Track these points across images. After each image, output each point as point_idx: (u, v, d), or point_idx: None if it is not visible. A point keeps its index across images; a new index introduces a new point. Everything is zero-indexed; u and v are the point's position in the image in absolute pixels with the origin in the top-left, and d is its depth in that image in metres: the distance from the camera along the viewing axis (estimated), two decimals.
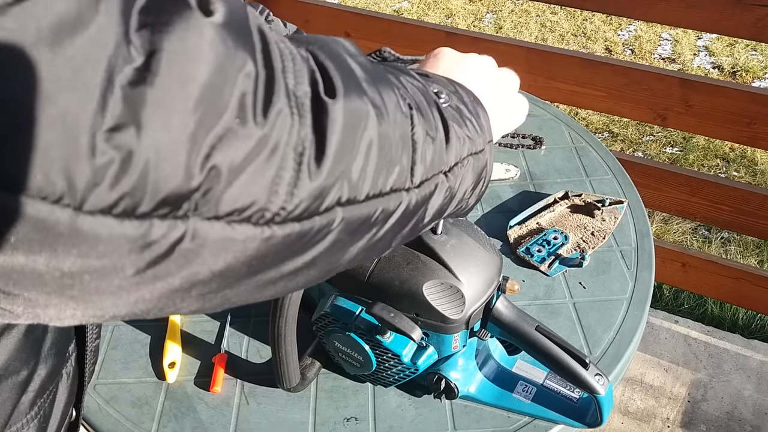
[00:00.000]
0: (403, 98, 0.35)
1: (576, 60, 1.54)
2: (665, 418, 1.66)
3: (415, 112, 0.36)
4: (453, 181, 0.41)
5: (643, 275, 0.92)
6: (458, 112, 0.42)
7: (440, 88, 0.42)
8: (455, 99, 0.43)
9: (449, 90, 0.43)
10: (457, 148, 0.40)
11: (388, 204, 0.34)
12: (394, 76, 0.37)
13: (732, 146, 2.58)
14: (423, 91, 0.39)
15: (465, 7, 3.65)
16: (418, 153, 0.36)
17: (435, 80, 0.44)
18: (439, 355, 0.71)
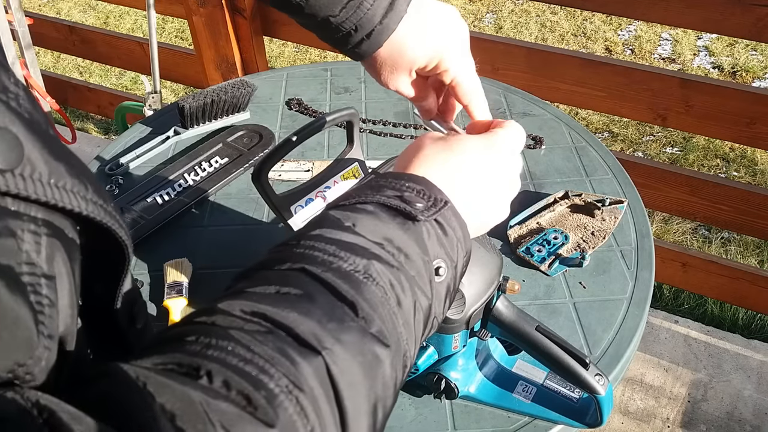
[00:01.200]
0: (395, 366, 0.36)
1: (576, 60, 1.54)
2: (665, 418, 1.66)
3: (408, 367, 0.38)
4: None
5: (643, 275, 0.92)
6: (445, 286, 0.42)
7: (443, 261, 0.42)
8: (452, 269, 0.43)
9: (451, 258, 0.43)
10: (430, 329, 0.42)
11: None
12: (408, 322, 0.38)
13: (732, 146, 2.58)
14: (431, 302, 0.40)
15: (465, 7, 3.65)
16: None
17: (446, 234, 0.43)
18: (439, 355, 0.71)
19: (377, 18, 0.56)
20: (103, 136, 2.85)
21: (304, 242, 0.38)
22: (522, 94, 1.30)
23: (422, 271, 0.40)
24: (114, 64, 2.26)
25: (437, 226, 0.43)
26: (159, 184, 1.10)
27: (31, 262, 0.28)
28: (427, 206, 0.43)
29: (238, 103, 1.22)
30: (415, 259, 0.40)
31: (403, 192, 0.43)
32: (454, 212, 0.45)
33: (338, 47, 0.60)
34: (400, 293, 0.38)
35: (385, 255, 0.39)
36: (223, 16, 1.78)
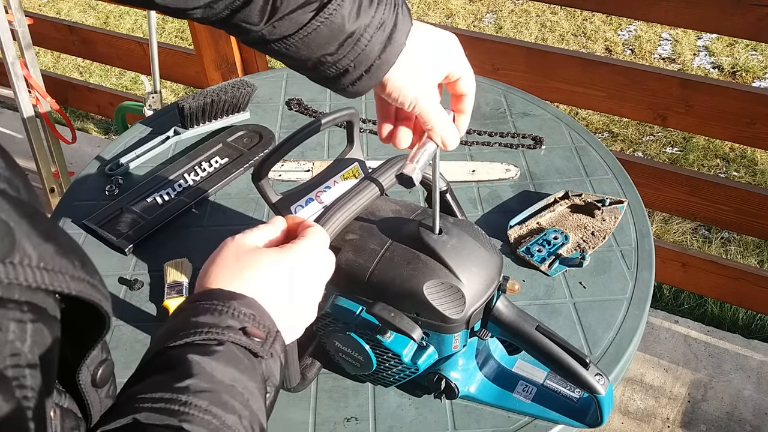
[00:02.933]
0: None
1: (576, 60, 1.55)
2: (665, 418, 1.66)
3: None
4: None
5: (643, 275, 0.92)
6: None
7: (272, 383, 0.52)
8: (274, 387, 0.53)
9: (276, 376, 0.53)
10: None
11: None
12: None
13: (732, 146, 2.58)
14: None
15: (465, 7, 3.65)
16: None
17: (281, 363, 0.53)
18: (439, 355, 0.71)
19: (375, 53, 0.55)
20: (103, 136, 2.85)
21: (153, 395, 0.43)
22: (522, 94, 1.30)
23: (257, 395, 0.48)
24: (114, 64, 2.26)
25: (273, 354, 0.50)
26: (159, 184, 1.10)
27: (16, 353, 0.29)
28: (264, 339, 0.49)
29: (238, 103, 1.22)
30: (254, 392, 0.48)
31: (244, 323, 0.49)
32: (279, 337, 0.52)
33: (331, 86, 0.58)
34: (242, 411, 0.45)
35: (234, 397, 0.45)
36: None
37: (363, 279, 0.67)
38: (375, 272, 0.67)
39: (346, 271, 0.68)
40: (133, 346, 0.86)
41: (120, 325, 0.89)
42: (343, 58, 0.54)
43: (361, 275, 0.67)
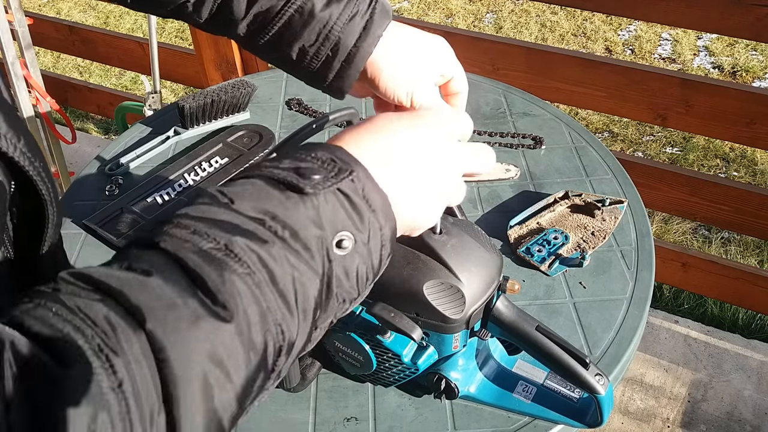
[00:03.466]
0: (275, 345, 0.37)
1: (576, 60, 1.55)
2: (665, 418, 1.66)
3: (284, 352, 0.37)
4: (319, 333, 0.42)
5: (643, 275, 0.92)
6: (354, 265, 0.41)
7: (346, 234, 0.40)
8: (361, 243, 0.41)
9: (360, 230, 0.41)
10: (334, 310, 0.42)
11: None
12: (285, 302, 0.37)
13: (732, 146, 2.58)
14: (319, 279, 0.39)
15: (465, 7, 3.65)
16: (276, 372, 0.38)
17: (353, 206, 0.41)
18: (439, 355, 0.71)
19: (351, 41, 0.57)
20: (103, 136, 2.85)
21: (173, 220, 0.38)
22: (522, 94, 1.30)
23: (311, 244, 0.39)
24: (114, 64, 2.26)
25: (341, 197, 0.41)
26: (159, 184, 1.10)
27: None
28: (326, 177, 0.41)
29: (238, 103, 1.22)
30: (301, 234, 0.38)
31: (301, 163, 0.41)
32: (368, 184, 0.42)
33: (319, 83, 0.62)
34: (275, 268, 0.37)
35: (261, 231, 0.37)
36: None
37: None
38: None
39: None
40: None
41: None
42: (321, 47, 0.58)
43: None
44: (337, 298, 0.41)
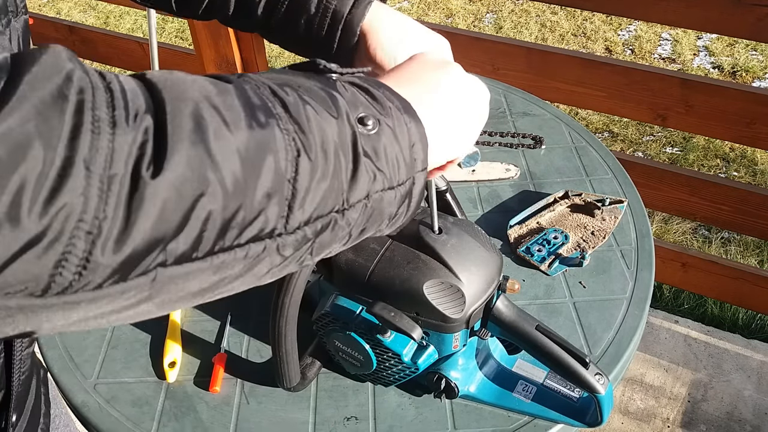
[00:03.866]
0: (288, 144, 0.33)
1: (576, 60, 1.55)
2: (665, 418, 1.66)
3: (303, 157, 0.33)
4: (353, 218, 0.38)
5: (643, 275, 0.92)
6: (383, 145, 0.38)
7: (370, 113, 0.38)
8: (386, 127, 0.39)
9: (383, 113, 0.39)
10: (366, 184, 0.37)
11: (242, 253, 0.32)
12: (295, 106, 0.34)
13: (732, 146, 2.58)
14: (336, 123, 0.36)
15: (465, 7, 3.65)
16: (298, 200, 0.33)
17: (373, 99, 0.40)
18: (439, 355, 0.71)
19: (346, 9, 0.64)
20: None
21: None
22: (522, 94, 1.30)
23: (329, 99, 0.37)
24: (114, 64, 2.26)
25: (359, 90, 0.40)
26: None
27: None
28: (343, 73, 0.41)
29: None
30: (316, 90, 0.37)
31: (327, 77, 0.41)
32: (388, 90, 0.42)
33: (327, 53, 0.65)
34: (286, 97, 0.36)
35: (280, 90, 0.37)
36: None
37: (363, 278, 0.67)
38: (375, 272, 0.67)
39: (347, 270, 0.68)
40: (132, 346, 0.86)
41: (120, 324, 0.89)
42: (324, 18, 0.64)
43: (361, 275, 0.67)
44: (366, 168, 0.37)
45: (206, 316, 0.90)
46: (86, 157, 0.26)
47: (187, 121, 0.29)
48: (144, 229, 0.28)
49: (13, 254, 0.25)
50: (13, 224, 0.24)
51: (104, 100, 0.28)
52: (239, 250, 0.32)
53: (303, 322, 0.70)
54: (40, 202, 0.25)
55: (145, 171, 0.27)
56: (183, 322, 0.89)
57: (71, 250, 0.26)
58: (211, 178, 0.29)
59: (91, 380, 0.82)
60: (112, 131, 0.27)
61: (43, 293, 0.27)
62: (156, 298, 0.31)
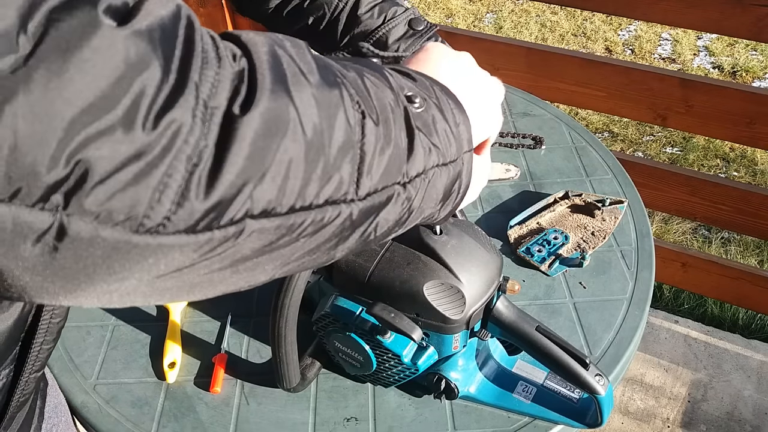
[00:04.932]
0: (353, 105, 0.34)
1: (576, 60, 1.54)
2: (665, 418, 1.66)
3: (368, 120, 0.34)
4: (412, 193, 0.39)
5: (643, 275, 0.92)
6: (432, 120, 0.40)
7: (416, 92, 0.40)
8: (433, 105, 0.41)
9: (427, 94, 0.41)
10: (422, 158, 0.38)
11: (320, 216, 0.33)
12: (354, 79, 0.36)
13: (732, 146, 2.58)
14: (391, 95, 0.38)
15: (465, 7, 3.65)
16: (366, 164, 0.34)
17: (416, 82, 0.42)
18: (439, 356, 0.71)
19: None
20: None
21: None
22: (522, 94, 1.30)
23: (383, 74, 0.40)
24: None
25: (402, 75, 0.42)
26: None
27: None
28: (384, 59, 0.44)
29: None
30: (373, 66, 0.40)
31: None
32: (427, 75, 0.44)
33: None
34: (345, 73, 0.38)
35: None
36: (223, 16, 1.78)
37: (363, 279, 0.67)
38: (375, 273, 0.67)
39: (347, 271, 0.68)
40: (132, 346, 0.86)
41: (120, 324, 0.89)
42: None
43: (362, 275, 0.67)
44: (421, 142, 0.39)
45: (206, 316, 0.90)
46: (197, 81, 0.27)
47: (269, 67, 0.30)
48: (235, 167, 0.28)
49: (121, 162, 0.25)
50: (126, 129, 0.25)
51: (209, 37, 0.29)
52: (317, 211, 0.33)
53: (303, 322, 0.70)
54: (154, 112, 0.26)
55: (236, 109, 0.28)
56: (183, 322, 0.89)
57: (172, 173, 0.26)
58: (293, 119, 0.30)
59: (91, 381, 0.82)
60: (219, 65, 0.28)
61: (139, 227, 0.26)
62: (236, 256, 0.31)
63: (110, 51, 0.25)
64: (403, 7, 0.71)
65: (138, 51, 0.25)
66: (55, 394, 0.73)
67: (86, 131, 0.24)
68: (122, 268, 0.28)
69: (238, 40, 0.31)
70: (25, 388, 0.56)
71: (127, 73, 0.25)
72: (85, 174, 0.24)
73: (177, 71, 0.27)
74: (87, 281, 0.27)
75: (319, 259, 0.37)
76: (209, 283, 0.32)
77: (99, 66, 0.24)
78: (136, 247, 0.27)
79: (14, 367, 0.54)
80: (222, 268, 0.31)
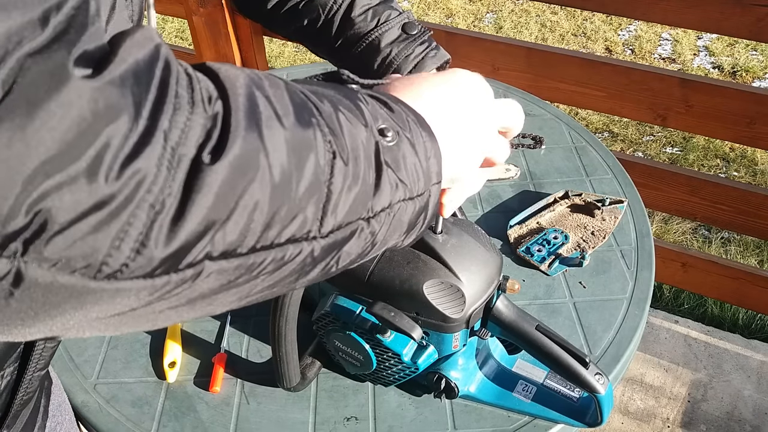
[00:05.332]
0: (325, 146, 0.34)
1: (576, 60, 1.54)
2: (665, 418, 1.66)
3: (338, 160, 0.34)
4: (376, 227, 0.39)
5: (643, 275, 0.92)
6: (402, 155, 0.39)
7: (390, 124, 0.39)
8: (405, 139, 0.40)
9: (401, 126, 0.40)
10: (389, 193, 0.38)
11: (281, 254, 0.33)
12: (329, 114, 0.35)
13: (732, 146, 2.58)
14: (364, 132, 0.37)
15: (465, 7, 3.65)
16: (332, 203, 0.34)
17: (392, 112, 0.41)
18: (439, 355, 0.71)
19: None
20: None
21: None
22: (522, 94, 1.30)
23: (356, 109, 0.39)
24: None
25: (379, 103, 0.41)
26: None
27: None
28: (363, 86, 0.43)
29: None
30: (346, 100, 0.39)
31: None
32: (405, 106, 0.43)
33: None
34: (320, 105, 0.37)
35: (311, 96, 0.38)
36: (223, 16, 1.78)
37: (363, 278, 0.67)
38: (375, 272, 0.67)
39: (346, 270, 0.68)
40: (132, 346, 0.86)
41: None
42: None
43: (361, 275, 0.67)
44: (388, 177, 0.38)
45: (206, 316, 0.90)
46: (166, 129, 0.27)
47: (244, 110, 0.30)
48: (198, 215, 0.28)
49: (82, 212, 0.25)
50: (89, 180, 0.25)
51: (185, 79, 0.29)
52: (278, 249, 0.32)
53: (303, 322, 0.70)
54: (119, 162, 0.25)
55: (206, 155, 0.28)
56: (183, 322, 0.89)
57: (133, 221, 0.26)
58: (262, 165, 0.30)
59: (91, 380, 0.82)
60: (191, 110, 0.28)
61: (97, 274, 0.26)
62: (193, 294, 0.31)
63: (78, 104, 0.24)
64: (398, 10, 0.71)
65: (107, 102, 0.25)
66: (59, 393, 0.73)
67: (48, 182, 0.24)
68: (76, 309, 0.28)
69: (216, 78, 0.31)
70: (28, 386, 0.56)
71: (94, 125, 0.25)
72: (45, 223, 0.24)
73: (147, 117, 0.26)
74: (40, 321, 0.27)
75: (279, 291, 0.37)
76: (165, 317, 0.32)
77: (65, 119, 0.24)
78: (92, 292, 0.27)
79: (18, 366, 0.54)
80: (178, 305, 0.31)
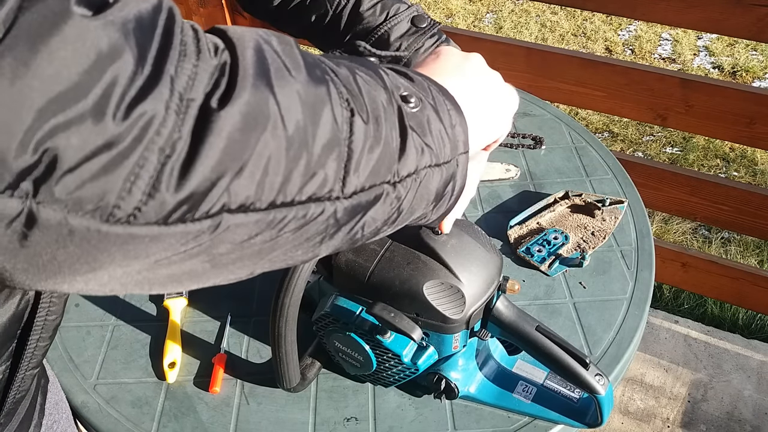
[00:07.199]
0: (341, 103, 0.33)
1: (576, 60, 1.54)
2: (665, 418, 1.66)
3: (357, 118, 0.34)
4: (402, 192, 0.38)
5: (643, 275, 0.92)
6: (427, 120, 0.39)
7: (411, 92, 0.40)
8: (428, 105, 0.40)
9: (423, 94, 0.41)
10: (415, 158, 0.38)
11: (302, 212, 0.32)
12: (345, 76, 0.35)
13: (732, 146, 2.58)
14: (384, 94, 0.37)
15: (465, 7, 3.65)
16: (353, 162, 0.34)
17: (412, 82, 0.42)
18: (439, 355, 0.71)
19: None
20: None
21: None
22: (522, 94, 1.30)
23: (377, 73, 0.39)
24: None
25: (399, 74, 0.42)
26: None
27: None
28: (382, 58, 0.44)
29: None
30: (368, 65, 0.39)
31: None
32: (425, 76, 0.44)
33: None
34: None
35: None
36: (223, 16, 1.78)
37: (363, 279, 0.67)
38: (375, 272, 0.67)
39: (346, 271, 0.68)
40: (132, 346, 0.86)
41: (120, 324, 0.89)
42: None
43: (361, 275, 0.67)
44: (414, 141, 0.38)
45: (206, 316, 0.90)
46: (172, 74, 0.27)
47: (252, 62, 0.30)
48: (210, 160, 0.28)
49: (91, 151, 0.25)
50: (96, 119, 0.25)
51: (190, 29, 0.29)
52: (300, 207, 0.32)
53: (303, 322, 0.70)
54: (126, 103, 0.25)
55: (215, 103, 0.28)
56: (183, 322, 0.89)
57: (143, 164, 0.26)
58: (273, 115, 0.30)
59: (91, 381, 0.82)
60: (197, 57, 0.28)
61: (109, 217, 0.26)
62: (214, 250, 0.31)
63: (80, 41, 0.24)
64: (406, 3, 0.71)
65: (110, 41, 0.25)
66: (56, 391, 0.73)
67: (54, 120, 0.24)
68: (93, 258, 0.28)
69: (224, 34, 0.31)
70: (21, 384, 0.56)
71: (98, 63, 0.25)
72: (54, 162, 0.24)
73: (152, 63, 0.26)
74: (59, 269, 0.27)
75: (303, 255, 0.36)
76: (188, 276, 0.32)
77: (68, 56, 0.24)
78: (106, 237, 0.27)
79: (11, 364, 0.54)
80: (200, 261, 0.31)
